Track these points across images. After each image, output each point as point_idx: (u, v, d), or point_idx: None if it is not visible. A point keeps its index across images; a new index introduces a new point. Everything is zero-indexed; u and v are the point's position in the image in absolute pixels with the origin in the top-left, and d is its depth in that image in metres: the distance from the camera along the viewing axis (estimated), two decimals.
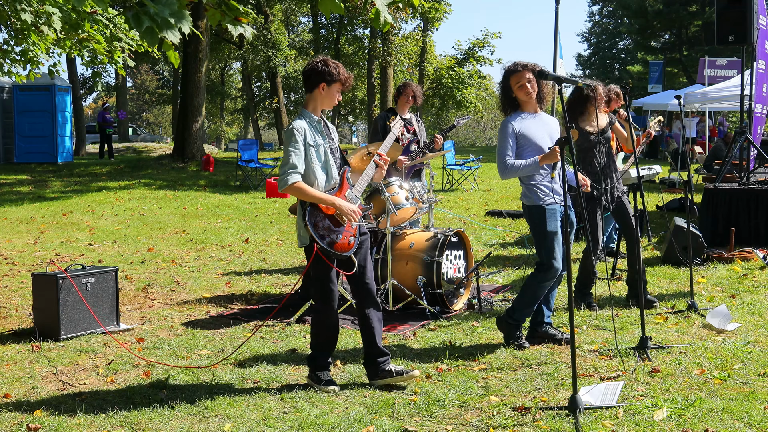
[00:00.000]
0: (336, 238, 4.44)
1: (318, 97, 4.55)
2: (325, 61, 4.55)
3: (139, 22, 4.05)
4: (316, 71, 4.50)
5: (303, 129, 4.44)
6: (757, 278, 7.18)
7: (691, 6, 41.18)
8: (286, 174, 4.36)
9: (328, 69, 4.50)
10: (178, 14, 4.18)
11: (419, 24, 31.76)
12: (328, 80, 4.51)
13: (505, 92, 5.20)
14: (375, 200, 6.53)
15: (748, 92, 9.58)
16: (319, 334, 4.60)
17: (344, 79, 4.56)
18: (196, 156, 21.51)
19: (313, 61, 4.60)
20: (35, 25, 7.01)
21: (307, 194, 4.39)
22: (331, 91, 4.55)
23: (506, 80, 5.16)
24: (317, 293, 4.57)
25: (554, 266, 5.07)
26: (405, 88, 7.54)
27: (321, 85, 4.51)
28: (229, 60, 42.47)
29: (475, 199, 14.47)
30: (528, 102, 5.15)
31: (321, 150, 4.50)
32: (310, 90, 4.55)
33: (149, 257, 9.19)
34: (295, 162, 4.37)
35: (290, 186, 4.35)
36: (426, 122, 38.27)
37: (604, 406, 4.03)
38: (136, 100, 62.91)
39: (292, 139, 4.40)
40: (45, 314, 5.72)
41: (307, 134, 4.44)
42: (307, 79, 4.56)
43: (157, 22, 4.06)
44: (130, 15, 4.13)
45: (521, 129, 5.10)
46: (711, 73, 23.51)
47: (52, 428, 3.96)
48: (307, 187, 4.40)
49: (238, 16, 4.88)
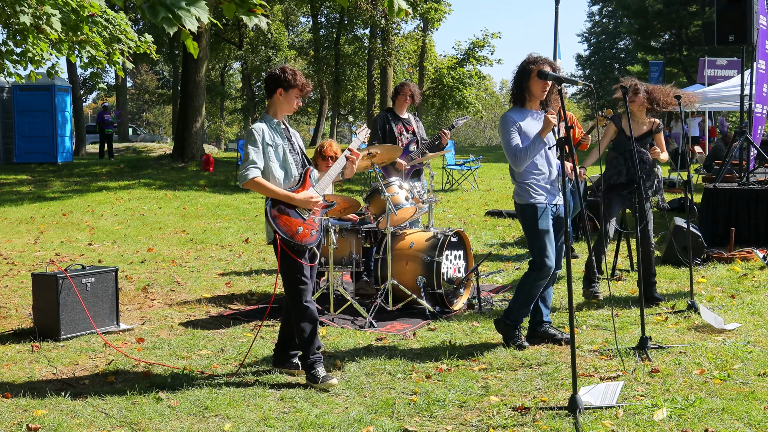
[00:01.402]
0: (297, 230, 4.63)
1: (276, 102, 4.78)
2: (283, 68, 4.79)
3: (155, 12, 4.11)
4: (273, 78, 4.76)
5: (261, 130, 4.69)
6: (756, 278, 7.18)
7: (691, 6, 41.17)
8: (246, 169, 4.61)
9: (285, 76, 4.73)
10: (194, 3, 4.24)
11: (419, 24, 31.76)
12: (285, 86, 4.73)
13: (519, 80, 5.10)
14: (375, 200, 6.53)
15: (748, 92, 9.58)
16: (301, 329, 4.67)
17: (301, 85, 4.77)
18: (196, 156, 21.51)
19: (272, 68, 4.87)
20: (35, 26, 7.01)
21: (266, 189, 4.63)
22: (288, 97, 4.76)
23: (527, 68, 5.05)
24: (289, 287, 4.69)
25: (547, 265, 5.07)
26: (402, 87, 7.53)
27: (278, 91, 4.74)
28: (229, 60, 42.51)
29: (475, 199, 14.47)
30: (536, 99, 5.12)
31: (279, 149, 4.72)
32: (270, 96, 4.80)
33: (149, 257, 9.19)
34: (254, 158, 4.62)
35: (250, 180, 4.61)
36: (426, 122, 38.30)
37: (604, 406, 4.03)
38: (136, 100, 62.92)
39: (251, 139, 4.66)
40: (45, 314, 5.72)
41: (265, 134, 4.68)
42: (266, 85, 4.84)
43: (174, 12, 4.12)
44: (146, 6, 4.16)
45: (521, 123, 5.09)
46: (711, 73, 23.49)
47: (52, 428, 3.96)
48: (265, 182, 4.64)
49: (252, 8, 4.91)
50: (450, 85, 30.89)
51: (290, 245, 4.60)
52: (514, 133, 5.05)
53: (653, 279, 6.51)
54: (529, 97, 5.12)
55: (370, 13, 26.91)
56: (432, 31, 31.82)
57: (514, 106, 5.18)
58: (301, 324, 4.67)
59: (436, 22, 28.97)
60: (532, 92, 5.09)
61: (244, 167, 4.62)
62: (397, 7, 4.70)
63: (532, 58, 5.06)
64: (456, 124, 7.82)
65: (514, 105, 5.19)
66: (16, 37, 7.57)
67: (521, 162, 5.04)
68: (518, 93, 5.15)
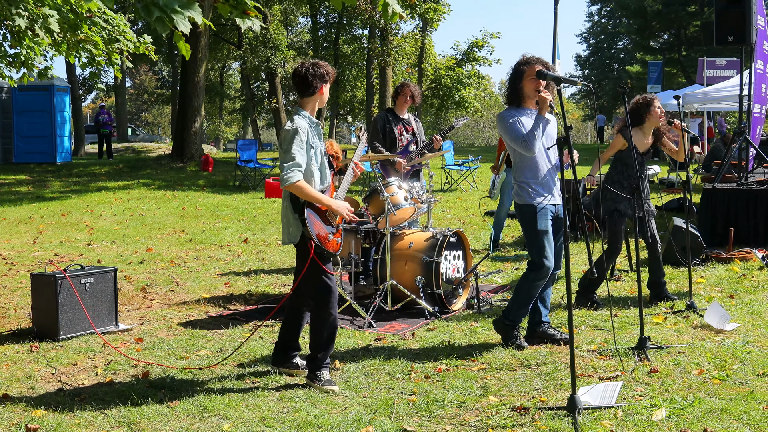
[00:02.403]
0: (328, 237, 4.55)
1: (318, 99, 4.63)
2: (317, 63, 4.64)
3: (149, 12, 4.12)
4: (316, 75, 4.57)
5: (306, 130, 4.51)
6: (755, 278, 7.18)
7: (690, 6, 41.19)
8: (290, 170, 4.39)
9: (324, 70, 4.60)
10: (187, 5, 4.23)
11: (418, 24, 31.77)
12: (326, 81, 4.62)
13: (513, 81, 5.14)
14: (374, 200, 6.53)
15: (747, 92, 9.58)
16: (320, 334, 4.60)
17: (333, 75, 4.68)
18: (195, 156, 21.51)
19: (304, 65, 4.64)
20: (30, 29, 7.00)
21: (307, 193, 4.45)
22: (326, 90, 4.67)
23: (520, 69, 5.10)
24: (315, 292, 4.58)
25: (546, 265, 5.08)
26: (403, 88, 7.53)
27: (321, 87, 4.60)
28: (228, 60, 42.45)
29: (473, 200, 14.47)
30: (531, 99, 5.14)
31: (318, 152, 4.60)
32: (311, 93, 4.60)
33: (148, 257, 9.19)
34: (300, 161, 4.42)
35: (293, 184, 4.40)
36: (425, 122, 38.29)
37: (602, 406, 4.03)
38: (135, 100, 62.87)
39: (298, 138, 4.45)
40: (44, 314, 5.72)
41: (309, 135, 4.52)
42: (305, 83, 4.59)
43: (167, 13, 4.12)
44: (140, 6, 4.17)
45: (520, 118, 5.09)
46: (710, 73, 23.53)
47: (51, 428, 3.96)
48: (307, 186, 4.47)
49: (246, 10, 4.92)
50: (448, 86, 30.91)
51: (321, 251, 4.50)
52: (516, 124, 5.05)
53: (663, 279, 6.53)
54: (523, 97, 5.15)
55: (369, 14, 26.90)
56: (431, 31, 31.83)
57: (510, 107, 5.20)
58: (321, 330, 4.59)
59: (435, 22, 28.98)
60: (526, 92, 5.13)
61: (288, 169, 4.39)
62: (392, 12, 4.70)
63: (524, 59, 5.11)
64: (456, 124, 7.83)
65: (509, 105, 5.22)
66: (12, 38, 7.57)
67: (532, 144, 4.97)
68: (512, 94, 5.18)
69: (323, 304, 4.56)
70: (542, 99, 4.96)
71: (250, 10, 4.92)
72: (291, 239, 4.56)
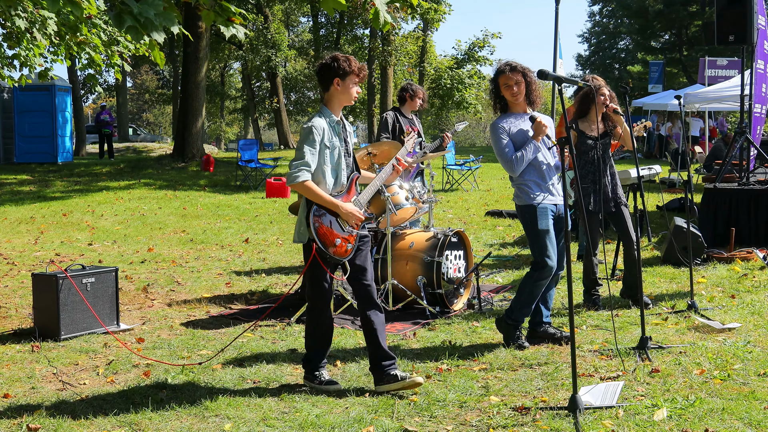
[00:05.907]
0: (335, 242, 4.45)
1: (335, 94, 4.50)
2: (335, 57, 4.51)
3: (121, 21, 4.00)
4: (327, 68, 4.47)
5: (322, 129, 4.42)
6: (757, 278, 7.18)
7: (691, 6, 41.18)
8: (297, 170, 4.34)
9: (339, 63, 4.45)
10: (164, 15, 4.14)
11: (419, 24, 31.77)
12: (341, 75, 4.46)
13: (494, 91, 5.31)
14: (375, 200, 6.53)
15: (747, 92, 9.57)
16: (314, 334, 4.61)
17: (357, 70, 4.49)
18: (196, 156, 21.51)
19: (326, 59, 4.55)
20: (29, 31, 7.01)
21: (313, 194, 4.38)
22: (346, 86, 4.48)
23: (495, 80, 5.29)
24: (312, 293, 4.58)
25: (548, 265, 5.10)
26: (417, 91, 7.77)
27: (335, 81, 4.46)
28: (229, 60, 42.46)
29: (475, 199, 14.47)
30: (515, 103, 5.23)
31: (335, 152, 4.49)
32: (327, 88, 4.51)
33: (149, 257, 9.19)
34: (309, 160, 4.35)
35: (299, 183, 4.34)
36: (425, 122, 38.27)
37: (604, 406, 4.03)
38: (136, 100, 62.89)
39: (310, 137, 4.37)
40: (45, 314, 5.72)
41: (325, 134, 4.42)
42: (321, 78, 4.52)
43: (140, 22, 4.02)
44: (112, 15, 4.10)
45: (511, 129, 5.18)
46: (711, 73, 23.51)
47: (52, 428, 3.96)
48: (314, 186, 4.38)
49: (230, 17, 4.88)
50: (449, 86, 30.89)
51: (324, 256, 4.43)
52: (505, 140, 5.16)
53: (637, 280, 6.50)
54: (507, 103, 5.28)
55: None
56: (432, 31, 31.84)
57: (501, 114, 5.32)
58: (315, 329, 4.59)
59: (436, 22, 28.99)
60: (506, 99, 5.26)
61: (295, 167, 4.34)
62: (383, 20, 4.69)
63: (497, 69, 5.30)
64: (456, 128, 7.89)
65: (501, 113, 5.33)
66: (10, 39, 7.59)
67: (517, 168, 5.14)
68: (497, 102, 5.33)
69: (318, 304, 4.56)
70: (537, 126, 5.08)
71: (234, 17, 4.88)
72: (300, 238, 4.51)
